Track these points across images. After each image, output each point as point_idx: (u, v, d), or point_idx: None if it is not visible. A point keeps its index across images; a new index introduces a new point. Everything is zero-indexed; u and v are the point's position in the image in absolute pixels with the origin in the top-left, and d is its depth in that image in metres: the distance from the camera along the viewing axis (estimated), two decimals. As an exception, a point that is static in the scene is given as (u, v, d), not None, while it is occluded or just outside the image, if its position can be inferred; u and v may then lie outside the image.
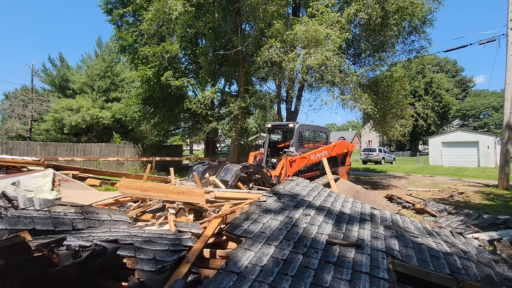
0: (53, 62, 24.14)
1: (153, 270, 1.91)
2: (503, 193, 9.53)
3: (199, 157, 22.47)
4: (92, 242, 1.70)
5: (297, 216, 2.87)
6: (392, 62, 12.99)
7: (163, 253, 2.14)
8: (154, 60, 11.03)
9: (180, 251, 2.22)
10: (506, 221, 4.73)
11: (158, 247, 2.19)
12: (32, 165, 5.86)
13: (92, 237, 2.07)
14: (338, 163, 8.54)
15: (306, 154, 7.11)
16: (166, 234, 2.54)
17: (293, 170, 6.68)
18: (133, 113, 13.58)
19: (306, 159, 7.08)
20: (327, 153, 7.75)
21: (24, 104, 21.45)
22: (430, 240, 2.93)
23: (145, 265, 1.93)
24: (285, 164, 6.48)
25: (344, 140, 8.80)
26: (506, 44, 10.68)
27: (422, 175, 15.58)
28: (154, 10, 9.15)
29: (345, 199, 3.93)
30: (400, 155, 40.37)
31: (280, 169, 6.57)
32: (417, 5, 9.56)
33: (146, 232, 2.56)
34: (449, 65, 53.47)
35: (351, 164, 9.83)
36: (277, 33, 9.43)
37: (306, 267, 1.94)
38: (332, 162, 8.22)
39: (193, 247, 2.34)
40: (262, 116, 11.94)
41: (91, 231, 2.41)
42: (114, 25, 13.98)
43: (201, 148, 49.75)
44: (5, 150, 11.73)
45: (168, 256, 2.13)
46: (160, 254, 2.11)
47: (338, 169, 8.24)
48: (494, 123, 45.96)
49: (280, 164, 6.67)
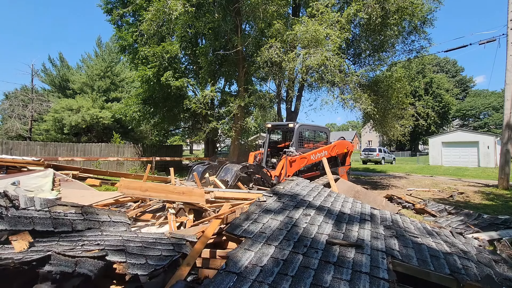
0: (53, 62, 24.15)
1: (144, 274, 1.89)
2: (503, 193, 9.53)
3: (199, 157, 22.47)
4: (75, 267, 1.64)
5: (297, 216, 2.87)
6: (392, 62, 12.98)
7: (155, 258, 2.14)
8: (154, 60, 11.03)
9: (172, 256, 2.21)
10: (506, 221, 4.73)
11: (151, 253, 2.19)
12: (32, 165, 5.86)
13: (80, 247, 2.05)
14: (338, 163, 8.55)
15: (306, 154, 7.12)
16: (160, 239, 2.53)
17: (293, 170, 6.68)
18: (133, 113, 13.58)
19: (306, 159, 7.10)
20: (327, 153, 7.75)
21: (24, 104, 21.45)
22: (430, 240, 2.93)
23: (136, 270, 1.91)
24: (285, 164, 6.49)
25: (344, 140, 8.81)
26: (506, 44, 10.68)
27: (422, 175, 15.58)
28: (154, 10, 9.15)
29: (345, 199, 3.93)
30: (400, 155, 40.37)
31: (280, 169, 6.58)
32: (417, 5, 9.56)
33: (139, 237, 2.54)
34: (449, 65, 53.47)
35: (351, 164, 9.84)
36: (277, 33, 9.43)
37: (306, 267, 1.94)
38: (332, 162, 8.23)
39: (194, 248, 2.34)
40: (262, 116, 11.94)
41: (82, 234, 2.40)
42: (114, 25, 13.97)
43: (201, 148, 49.73)
44: (5, 150, 11.72)
45: (162, 261, 2.12)
46: (153, 259, 2.11)
47: (338, 169, 8.25)
48: (494, 123, 45.94)
49: (280, 164, 6.68)
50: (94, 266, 1.75)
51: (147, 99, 13.30)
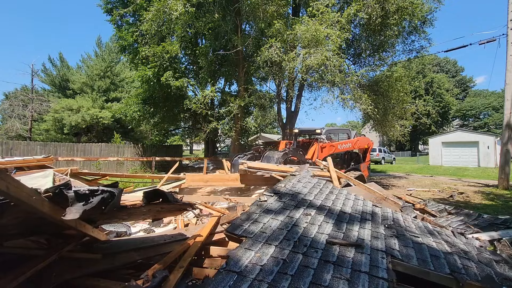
0: (53, 62, 24.16)
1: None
2: (503, 193, 9.53)
3: (199, 157, 22.47)
4: (98, 187, 1.72)
5: (298, 216, 2.87)
6: (392, 62, 12.97)
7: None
8: (154, 60, 11.03)
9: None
10: (506, 221, 4.73)
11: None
12: (42, 162, 5.90)
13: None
14: (361, 160, 9.30)
15: (334, 143, 8.14)
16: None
17: (323, 155, 7.40)
18: (133, 112, 13.58)
19: (334, 147, 8.08)
20: (351, 145, 8.76)
21: (24, 104, 21.43)
22: (430, 240, 2.94)
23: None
24: (317, 149, 7.41)
25: (365, 137, 9.76)
26: (506, 44, 10.67)
27: (422, 175, 15.57)
28: (155, 10, 9.15)
29: (346, 197, 3.91)
30: (400, 155, 40.37)
31: (312, 153, 7.40)
32: (417, 5, 9.57)
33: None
34: (449, 65, 53.40)
35: (370, 160, 10.82)
36: (277, 33, 9.43)
37: (306, 267, 1.95)
38: (355, 159, 9.16)
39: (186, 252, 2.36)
40: (262, 116, 11.94)
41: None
42: (114, 25, 13.97)
43: (201, 148, 49.72)
44: (5, 150, 11.73)
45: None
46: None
47: (360, 165, 8.90)
48: (494, 123, 45.90)
49: (312, 148, 7.54)
50: (115, 189, 1.82)
51: (147, 99, 13.31)
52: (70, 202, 1.54)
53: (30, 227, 1.92)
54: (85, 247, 2.46)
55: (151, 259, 2.50)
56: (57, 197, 1.53)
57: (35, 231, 2.05)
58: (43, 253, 2.11)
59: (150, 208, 2.26)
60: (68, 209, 1.53)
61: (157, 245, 2.66)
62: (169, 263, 2.26)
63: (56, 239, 2.29)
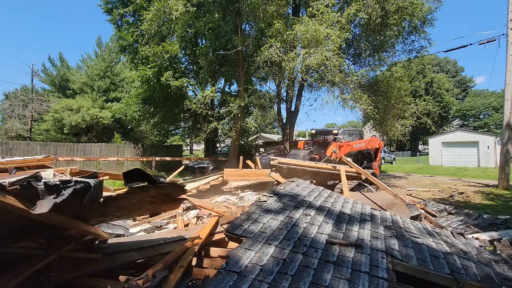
0: (53, 62, 24.14)
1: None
2: (503, 193, 9.53)
3: (199, 157, 22.46)
4: (71, 178, 1.53)
5: (297, 216, 2.87)
6: (392, 62, 12.97)
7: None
8: (154, 60, 11.02)
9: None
10: (506, 221, 4.73)
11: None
12: (42, 162, 5.89)
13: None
14: (372, 158, 9.97)
15: (350, 142, 8.77)
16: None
17: (341, 153, 7.86)
18: (133, 112, 13.57)
19: (350, 146, 8.69)
20: (365, 145, 9.54)
21: (24, 104, 21.43)
22: (430, 240, 2.93)
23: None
24: (335, 147, 8.04)
25: (376, 137, 10.57)
26: (506, 44, 10.67)
27: (422, 175, 15.57)
28: (155, 10, 9.14)
29: (345, 200, 3.93)
30: (400, 155, 40.37)
31: (330, 150, 7.99)
32: (417, 5, 9.56)
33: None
34: (449, 65, 53.35)
35: (380, 159, 11.65)
36: (277, 33, 9.42)
37: (306, 267, 1.95)
38: (367, 158, 9.88)
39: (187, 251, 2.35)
40: (262, 116, 11.94)
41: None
42: (114, 25, 13.96)
43: (201, 148, 49.71)
44: (5, 150, 11.73)
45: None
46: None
47: (372, 164, 9.48)
48: (494, 123, 45.88)
49: (330, 147, 8.17)
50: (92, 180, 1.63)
51: (147, 99, 13.30)
52: (40, 195, 1.40)
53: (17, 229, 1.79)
54: (85, 247, 2.46)
55: (151, 259, 2.50)
56: (26, 190, 1.38)
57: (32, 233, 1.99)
58: (43, 253, 2.11)
59: (141, 199, 2.03)
60: (39, 202, 1.40)
61: (157, 245, 2.66)
62: (169, 263, 2.26)
63: (55, 239, 2.29)
